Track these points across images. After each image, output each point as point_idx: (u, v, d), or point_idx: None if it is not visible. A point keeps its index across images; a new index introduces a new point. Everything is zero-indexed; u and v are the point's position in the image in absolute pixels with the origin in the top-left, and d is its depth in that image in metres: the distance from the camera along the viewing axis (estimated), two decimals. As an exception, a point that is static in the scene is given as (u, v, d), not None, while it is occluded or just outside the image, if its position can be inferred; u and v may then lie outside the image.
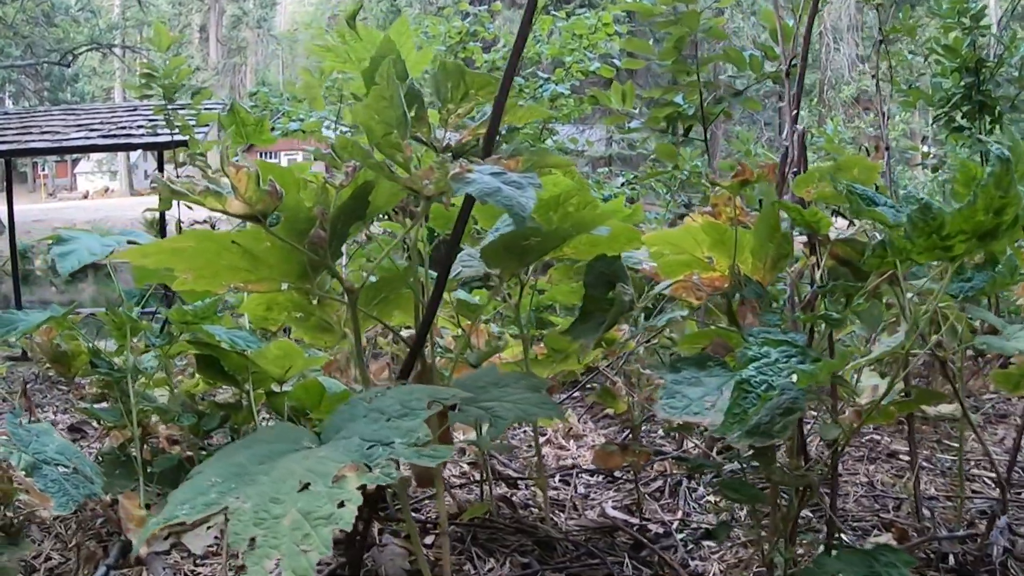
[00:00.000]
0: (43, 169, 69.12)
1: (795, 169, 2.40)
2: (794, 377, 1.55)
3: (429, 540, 2.86)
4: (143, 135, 13.86)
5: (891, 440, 4.17)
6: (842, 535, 2.68)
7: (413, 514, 2.79)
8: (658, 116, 5.18)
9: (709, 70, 5.41)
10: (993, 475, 3.49)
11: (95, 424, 4.78)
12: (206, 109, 8.58)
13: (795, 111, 3.40)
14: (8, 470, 1.98)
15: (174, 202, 1.56)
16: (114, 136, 14.21)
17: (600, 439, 4.46)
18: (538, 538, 2.86)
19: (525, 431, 4.54)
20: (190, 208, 5.70)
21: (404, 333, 2.28)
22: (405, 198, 1.92)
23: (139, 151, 41.83)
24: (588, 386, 4.96)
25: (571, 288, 3.01)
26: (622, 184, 12.59)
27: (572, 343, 2.38)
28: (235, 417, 2.94)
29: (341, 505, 1.17)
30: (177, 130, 7.25)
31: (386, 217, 2.52)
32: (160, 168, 13.91)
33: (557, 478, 3.68)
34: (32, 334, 3.02)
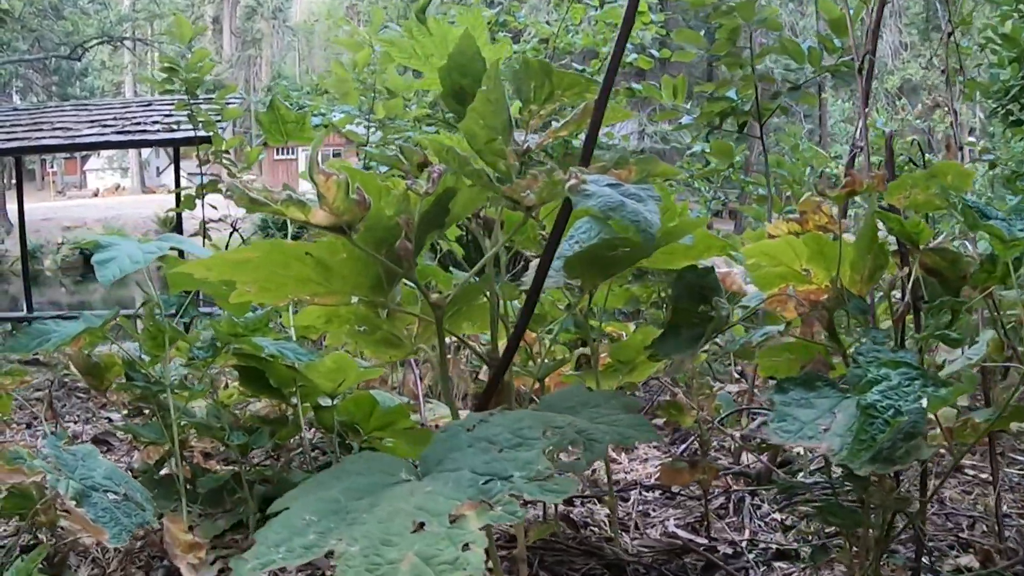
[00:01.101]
0: (52, 166, 69.47)
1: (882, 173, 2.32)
2: (924, 402, 1.48)
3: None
4: (159, 131, 13.84)
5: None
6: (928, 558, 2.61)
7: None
8: (711, 112, 5.09)
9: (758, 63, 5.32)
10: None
11: (119, 436, 4.76)
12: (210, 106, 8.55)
13: (866, 109, 3.34)
14: (56, 499, 1.92)
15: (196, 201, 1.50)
16: (128, 132, 14.20)
17: (653, 452, 4.39)
18: (607, 560, 2.80)
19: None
20: (214, 208, 5.64)
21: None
22: (481, 206, 1.87)
23: (151, 147, 42.10)
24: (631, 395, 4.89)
25: (626, 293, 2.94)
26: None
27: (651, 355, 2.30)
28: (280, 432, 2.89)
29: (465, 547, 1.10)
30: (200, 126, 7.22)
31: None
32: (176, 166, 13.90)
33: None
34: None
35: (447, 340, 2.11)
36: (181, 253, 3.06)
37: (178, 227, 13.32)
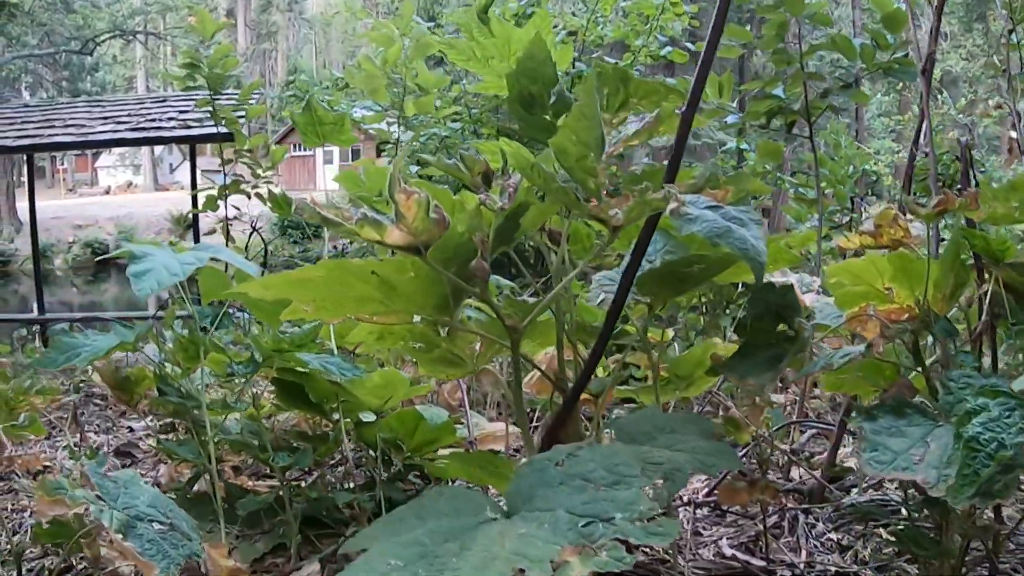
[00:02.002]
0: (62, 163, 69.81)
1: (959, 186, 2.28)
2: (1027, 435, 1.43)
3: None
4: (174, 128, 13.86)
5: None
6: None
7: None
8: (758, 110, 5.02)
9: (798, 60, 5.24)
10: None
11: (143, 447, 4.73)
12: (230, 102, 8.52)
13: (928, 113, 3.29)
14: (101, 531, 1.88)
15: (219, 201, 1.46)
16: (143, 129, 14.24)
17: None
18: (666, 584, 2.75)
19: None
20: (237, 209, 5.62)
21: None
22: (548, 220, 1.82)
23: (166, 145, 42.23)
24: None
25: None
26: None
27: (727, 376, 2.25)
28: (320, 448, 2.85)
29: (572, 597, 1.06)
30: (222, 124, 7.21)
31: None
32: (192, 164, 13.91)
33: (661, 513, 3.56)
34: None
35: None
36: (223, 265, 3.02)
37: (195, 230, 13.35)
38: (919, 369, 2.02)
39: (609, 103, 1.75)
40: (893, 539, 2.90)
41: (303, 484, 3.26)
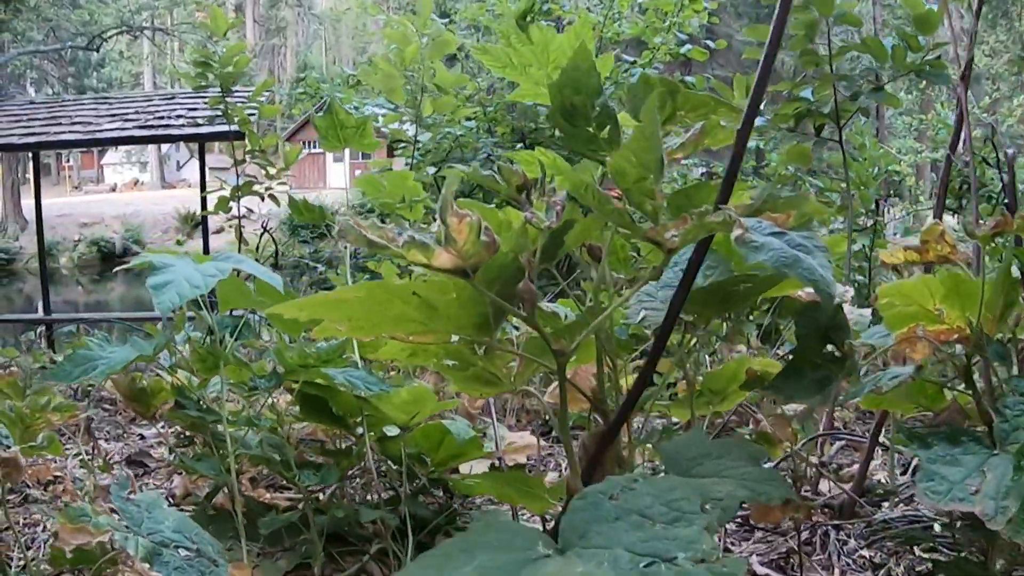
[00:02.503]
0: (68, 160, 69.93)
1: (1005, 201, 2.25)
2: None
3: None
4: (183, 126, 13.86)
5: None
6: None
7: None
8: (786, 113, 4.97)
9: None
10: None
11: (155, 455, 4.70)
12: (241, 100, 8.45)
13: (967, 120, 3.24)
14: (126, 560, 1.85)
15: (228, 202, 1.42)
16: (151, 127, 14.25)
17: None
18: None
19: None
20: (250, 210, 5.58)
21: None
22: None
23: (175, 143, 42.30)
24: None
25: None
26: (703, 174, 12.40)
27: (774, 397, 2.22)
28: (342, 462, 2.81)
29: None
30: (235, 123, 7.19)
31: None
32: (201, 162, 13.91)
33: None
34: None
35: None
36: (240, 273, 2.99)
37: (204, 230, 13.35)
38: (969, 392, 1.98)
39: (655, 114, 1.72)
40: (925, 556, 2.88)
41: (322, 496, 3.23)
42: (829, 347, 1.97)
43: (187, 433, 3.10)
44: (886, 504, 3.50)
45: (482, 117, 10.04)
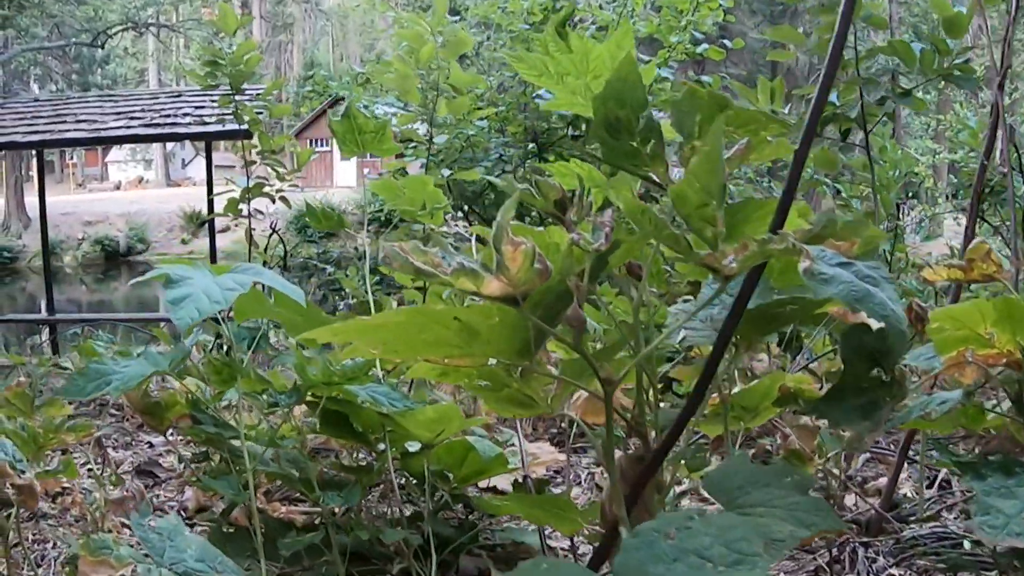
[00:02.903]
0: (71, 158, 69.97)
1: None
2: None
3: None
4: (190, 124, 13.85)
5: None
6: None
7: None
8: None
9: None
10: None
11: (164, 464, 4.66)
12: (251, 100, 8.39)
13: (1005, 129, 3.18)
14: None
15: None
16: (157, 125, 14.23)
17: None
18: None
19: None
20: (260, 212, 5.54)
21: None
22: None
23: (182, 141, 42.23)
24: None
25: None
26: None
27: (823, 421, 2.17)
28: (362, 478, 2.77)
29: None
30: (246, 124, 7.14)
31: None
32: (208, 161, 13.89)
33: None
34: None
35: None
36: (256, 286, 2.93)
37: (211, 231, 13.32)
38: (1021, 420, 1.94)
39: (702, 131, 1.66)
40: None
41: (337, 509, 3.19)
42: (876, 370, 1.92)
43: (202, 448, 3.05)
44: (913, 519, 3.46)
45: (494, 117, 9.99)
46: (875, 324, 1.82)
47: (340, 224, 3.30)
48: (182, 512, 3.73)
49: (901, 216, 8.73)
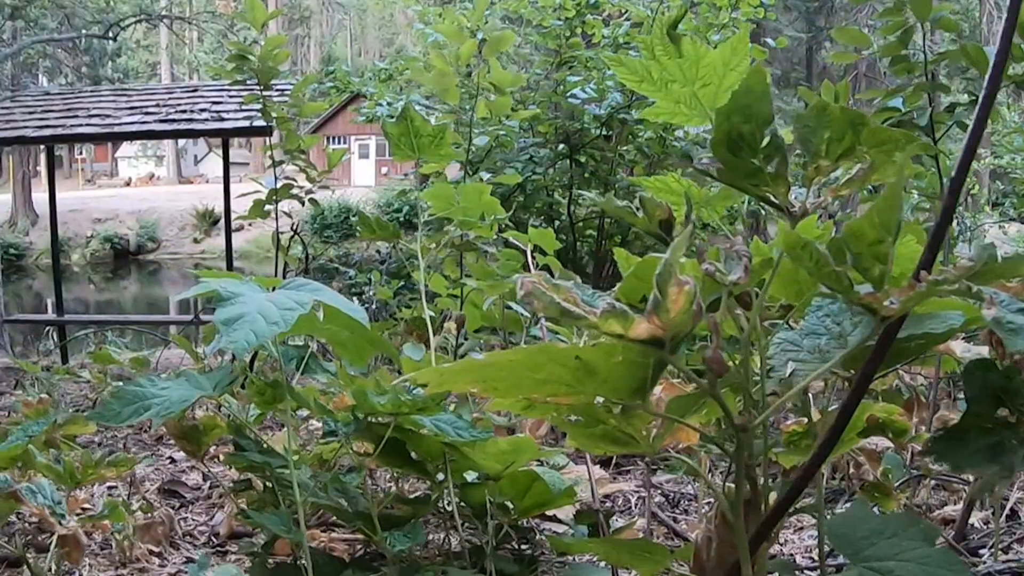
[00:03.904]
0: (80, 153, 70.10)
1: None
2: None
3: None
4: (207, 120, 13.76)
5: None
6: None
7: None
8: (877, 124, 4.78)
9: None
10: None
11: (190, 484, 4.55)
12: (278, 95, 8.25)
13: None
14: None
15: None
16: (173, 121, 14.14)
17: (804, 518, 4.13)
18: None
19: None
20: (288, 215, 5.45)
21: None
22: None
23: (199, 138, 42.11)
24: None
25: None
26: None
27: (937, 461, 2.06)
28: (419, 510, 2.66)
29: None
30: (275, 123, 7.05)
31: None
32: (225, 158, 13.79)
33: None
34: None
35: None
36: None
37: (227, 228, 13.26)
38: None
39: (830, 149, 1.55)
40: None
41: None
42: (1001, 411, 1.82)
43: (244, 476, 2.94)
44: (985, 551, 3.36)
45: (529, 119, 9.85)
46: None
47: (395, 235, 3.20)
48: (214, 538, 3.62)
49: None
